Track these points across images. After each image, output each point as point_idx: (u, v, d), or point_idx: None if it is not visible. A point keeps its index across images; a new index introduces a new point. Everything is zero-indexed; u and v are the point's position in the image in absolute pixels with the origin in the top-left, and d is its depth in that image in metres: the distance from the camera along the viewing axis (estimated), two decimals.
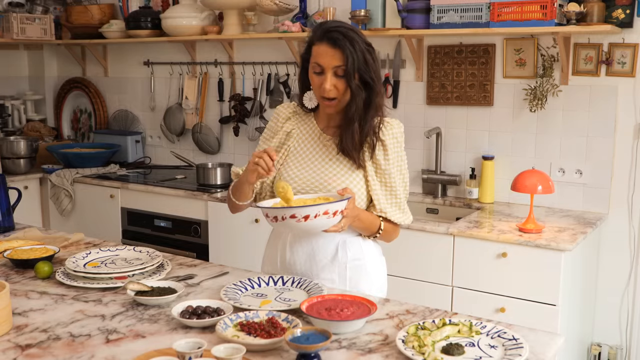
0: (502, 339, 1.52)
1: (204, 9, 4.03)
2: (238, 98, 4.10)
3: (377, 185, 1.97)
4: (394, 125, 1.98)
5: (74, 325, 1.64)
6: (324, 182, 1.96)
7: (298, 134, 2.05)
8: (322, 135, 2.02)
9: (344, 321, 1.56)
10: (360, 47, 1.85)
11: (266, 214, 1.77)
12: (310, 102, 2.00)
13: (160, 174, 4.20)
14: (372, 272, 2.05)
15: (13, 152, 4.20)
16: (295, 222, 1.72)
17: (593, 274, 3.15)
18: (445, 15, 3.15)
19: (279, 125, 2.07)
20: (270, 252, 2.11)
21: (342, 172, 1.96)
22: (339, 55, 1.84)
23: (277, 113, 2.10)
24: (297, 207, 1.71)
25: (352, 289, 1.99)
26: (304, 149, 2.03)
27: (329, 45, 1.85)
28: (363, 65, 1.86)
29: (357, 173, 1.96)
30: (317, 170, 1.98)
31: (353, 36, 1.85)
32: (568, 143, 3.20)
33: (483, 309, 2.78)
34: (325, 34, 1.86)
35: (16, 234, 2.51)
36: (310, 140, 2.03)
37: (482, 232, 2.80)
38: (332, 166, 1.97)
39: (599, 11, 2.93)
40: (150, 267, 1.98)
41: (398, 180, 1.98)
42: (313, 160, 2.00)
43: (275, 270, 2.07)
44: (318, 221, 1.73)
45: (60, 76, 5.06)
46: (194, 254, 3.63)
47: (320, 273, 1.98)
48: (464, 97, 3.42)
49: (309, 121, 2.06)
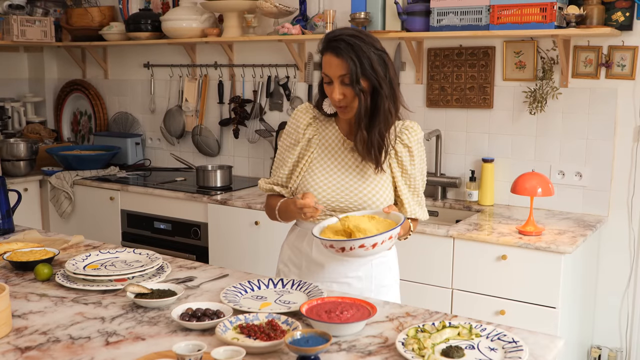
0: (502, 342, 1.52)
1: (204, 12, 4.04)
2: (238, 100, 4.10)
3: (405, 189, 2.02)
4: (416, 130, 2.01)
5: (73, 327, 1.64)
6: (350, 188, 1.98)
7: (320, 140, 2.04)
8: (345, 141, 2.02)
9: (343, 323, 1.56)
10: (366, 53, 1.86)
11: (330, 245, 1.79)
12: (329, 108, 1.99)
13: (160, 176, 4.20)
14: (394, 267, 2.13)
15: (13, 154, 4.20)
16: (363, 251, 1.76)
17: (593, 277, 3.15)
18: (445, 17, 3.15)
19: (300, 133, 2.04)
20: (292, 252, 2.11)
21: (367, 178, 1.98)
22: (343, 64, 1.85)
23: (296, 119, 2.06)
24: (365, 238, 1.74)
25: (377, 286, 2.04)
26: (327, 156, 2.02)
27: (332, 55, 1.87)
28: (369, 71, 1.86)
29: (382, 177, 1.98)
30: (342, 176, 1.99)
31: (357, 43, 1.85)
32: (568, 146, 3.20)
33: (483, 312, 2.78)
34: (329, 44, 1.88)
35: (16, 236, 2.50)
36: (334, 147, 2.03)
37: (482, 234, 2.80)
38: (357, 172, 1.99)
39: (598, 14, 2.93)
40: (150, 270, 1.98)
41: (420, 181, 2.05)
42: (338, 166, 2.01)
43: (298, 268, 2.07)
44: (384, 246, 1.78)
45: (60, 78, 5.06)
46: (194, 256, 3.62)
47: (348, 272, 2.02)
48: (463, 100, 3.42)
49: (331, 127, 2.05)
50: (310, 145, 2.03)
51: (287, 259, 2.13)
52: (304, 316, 1.59)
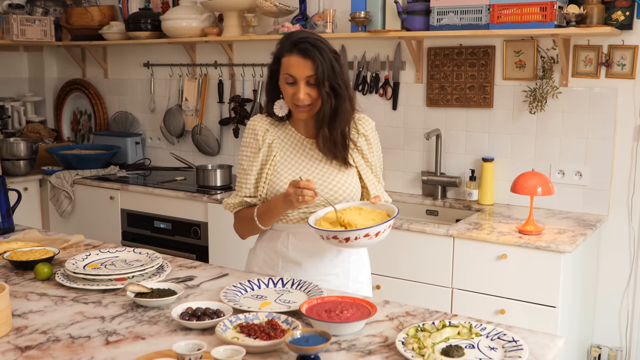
0: (502, 341, 1.52)
1: (203, 11, 4.04)
2: (238, 100, 4.10)
3: (370, 176, 2.09)
4: (368, 120, 2.11)
5: (73, 327, 1.64)
6: (322, 184, 2.01)
7: (280, 144, 2.07)
8: (305, 140, 2.07)
9: (343, 323, 1.56)
10: (328, 55, 1.93)
11: (334, 237, 1.80)
12: (280, 111, 2.04)
13: (160, 176, 4.20)
14: (367, 264, 2.18)
15: (13, 153, 4.20)
16: (367, 240, 1.79)
17: (593, 276, 3.15)
18: (445, 17, 3.15)
19: (259, 140, 2.06)
20: (266, 254, 2.11)
21: (334, 171, 2.03)
22: (310, 65, 1.90)
23: (252, 128, 2.08)
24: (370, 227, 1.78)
25: (354, 282, 2.08)
26: (290, 157, 2.05)
27: (299, 56, 1.91)
28: (331, 73, 1.93)
29: (349, 169, 2.05)
30: (310, 174, 2.02)
31: (321, 45, 1.92)
32: (568, 145, 3.20)
33: (483, 311, 2.78)
34: (295, 46, 1.92)
35: (16, 236, 2.50)
36: (294, 148, 2.06)
37: (482, 233, 2.80)
38: (322, 168, 2.03)
39: (598, 13, 2.93)
40: (150, 269, 1.98)
41: (379, 167, 2.14)
42: (303, 165, 2.04)
43: (274, 269, 2.07)
44: (385, 234, 1.83)
45: (60, 78, 5.06)
46: (194, 255, 3.63)
47: (327, 269, 2.04)
48: (463, 99, 3.42)
49: (287, 130, 2.09)
50: (272, 149, 2.06)
51: (261, 263, 2.12)
52: (304, 315, 1.59)
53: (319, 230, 1.83)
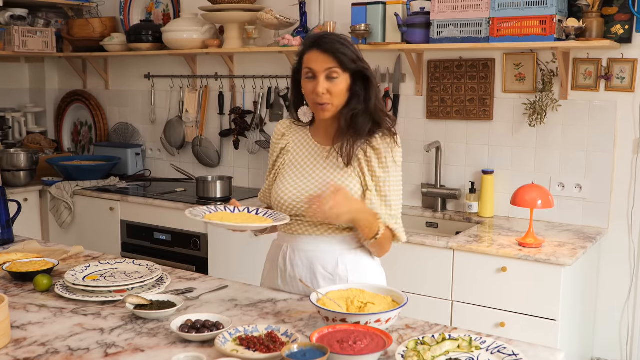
0: (502, 354, 1.52)
1: (205, 23, 4.05)
2: (238, 111, 4.11)
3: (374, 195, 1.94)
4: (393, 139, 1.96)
5: (72, 339, 1.63)
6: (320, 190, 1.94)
7: (293, 147, 2.09)
8: (318, 147, 2.04)
9: (357, 355, 1.46)
10: (351, 49, 1.91)
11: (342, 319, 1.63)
12: (305, 117, 2.05)
13: (160, 187, 4.20)
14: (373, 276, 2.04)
15: (13, 164, 4.20)
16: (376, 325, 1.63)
17: (593, 289, 3.14)
18: (445, 30, 3.16)
19: (275, 143, 2.14)
20: (271, 267, 2.12)
21: (336, 180, 1.95)
22: (330, 58, 1.90)
23: (274, 133, 2.17)
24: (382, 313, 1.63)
25: None
26: (298, 160, 2.06)
27: (319, 51, 1.91)
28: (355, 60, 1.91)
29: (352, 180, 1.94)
30: (310, 178, 1.99)
31: (342, 41, 1.92)
32: (568, 158, 3.20)
33: (483, 324, 2.77)
34: (315, 42, 1.93)
35: (15, 247, 2.50)
36: (304, 151, 2.06)
37: (482, 246, 2.79)
38: (326, 174, 1.98)
39: (598, 27, 2.94)
40: (150, 281, 1.97)
41: (392, 191, 1.96)
42: (307, 169, 2.03)
43: (275, 284, 2.07)
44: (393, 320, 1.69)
45: (61, 89, 5.07)
46: (194, 267, 3.62)
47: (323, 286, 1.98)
48: (463, 112, 3.42)
49: (303, 134, 2.10)
50: (283, 153, 2.10)
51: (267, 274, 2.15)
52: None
53: (332, 313, 1.65)
